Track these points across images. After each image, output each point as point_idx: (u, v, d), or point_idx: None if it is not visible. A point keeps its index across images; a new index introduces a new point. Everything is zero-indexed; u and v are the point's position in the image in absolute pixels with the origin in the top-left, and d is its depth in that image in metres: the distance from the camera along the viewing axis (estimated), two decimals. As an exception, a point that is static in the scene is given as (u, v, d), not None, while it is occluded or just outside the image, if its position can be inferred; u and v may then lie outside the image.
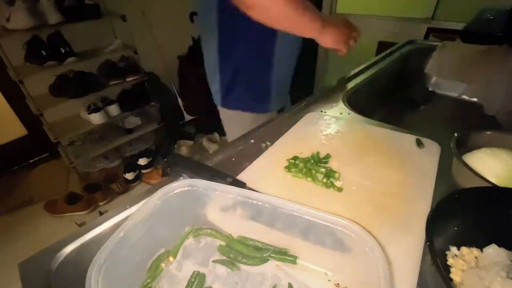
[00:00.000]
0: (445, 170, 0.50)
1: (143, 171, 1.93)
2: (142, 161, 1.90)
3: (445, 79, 1.06)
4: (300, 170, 0.51)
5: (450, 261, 0.36)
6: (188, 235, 0.42)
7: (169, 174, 0.51)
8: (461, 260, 0.35)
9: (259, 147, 0.60)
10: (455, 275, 0.34)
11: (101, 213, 1.65)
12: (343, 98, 0.78)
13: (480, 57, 0.90)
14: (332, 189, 0.48)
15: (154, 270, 0.37)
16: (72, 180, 1.91)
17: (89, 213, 1.66)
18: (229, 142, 0.64)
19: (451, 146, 0.47)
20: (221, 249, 0.40)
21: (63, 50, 1.55)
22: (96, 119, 1.75)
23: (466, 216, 0.37)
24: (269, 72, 0.77)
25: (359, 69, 0.95)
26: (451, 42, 1.02)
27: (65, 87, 1.64)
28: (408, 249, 0.38)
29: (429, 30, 1.53)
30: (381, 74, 0.96)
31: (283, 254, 0.38)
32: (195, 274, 0.37)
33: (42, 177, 1.95)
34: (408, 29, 1.64)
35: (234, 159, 0.57)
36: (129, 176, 1.84)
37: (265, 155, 0.57)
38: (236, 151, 0.60)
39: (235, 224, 0.42)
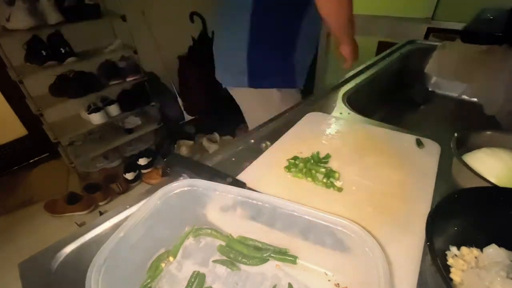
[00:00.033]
0: (445, 170, 0.50)
1: (143, 171, 1.92)
2: (142, 161, 1.90)
3: (445, 79, 1.06)
4: (300, 170, 0.51)
5: (450, 261, 0.36)
6: (188, 235, 0.42)
7: (169, 174, 0.51)
8: (461, 260, 0.35)
9: (259, 147, 0.60)
10: (455, 275, 0.34)
11: (101, 213, 1.65)
12: (343, 98, 0.78)
13: (480, 57, 0.90)
14: (332, 189, 0.48)
15: (154, 270, 0.37)
16: (72, 180, 1.91)
17: (89, 213, 1.66)
18: (229, 142, 0.64)
19: (451, 146, 0.47)
20: (221, 249, 0.40)
21: (63, 50, 1.55)
22: (96, 119, 1.75)
23: (466, 216, 0.37)
24: (292, 52, 0.83)
25: (359, 69, 0.95)
26: (451, 42, 1.02)
27: (65, 87, 1.64)
28: (408, 249, 0.38)
29: (429, 30, 1.53)
30: (381, 74, 0.96)
31: (283, 254, 0.38)
32: (195, 274, 0.37)
33: (42, 177, 1.95)
34: (408, 29, 1.64)
35: (234, 159, 0.57)
36: (129, 176, 1.84)
37: (265, 155, 0.57)
38: (236, 151, 0.60)
39: (235, 224, 0.42)
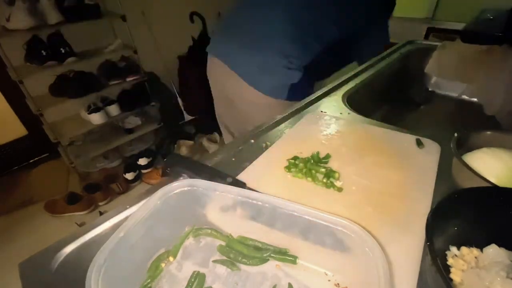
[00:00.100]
0: (445, 170, 0.50)
1: (143, 171, 1.93)
2: (142, 161, 1.90)
3: (445, 79, 1.06)
4: (300, 170, 0.51)
5: (450, 261, 0.35)
6: (188, 235, 0.42)
7: (169, 174, 0.51)
8: (461, 260, 0.35)
9: (259, 147, 0.60)
10: (455, 275, 0.34)
11: (101, 213, 1.65)
12: (343, 98, 0.78)
13: (480, 57, 0.90)
14: (332, 189, 0.48)
15: (154, 270, 0.37)
16: (72, 180, 1.91)
17: (89, 213, 1.66)
18: (228, 142, 0.64)
19: (451, 146, 0.47)
20: (221, 249, 0.40)
21: (63, 50, 1.55)
22: (96, 119, 1.75)
23: (466, 216, 0.37)
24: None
25: (359, 69, 0.94)
26: (451, 42, 1.02)
27: (65, 87, 1.65)
28: (408, 249, 0.38)
29: (429, 30, 1.53)
30: (381, 74, 0.96)
31: (283, 254, 0.38)
32: (195, 274, 0.37)
33: (42, 177, 1.95)
34: (408, 29, 1.64)
35: (234, 159, 0.57)
36: (129, 176, 1.84)
37: (265, 155, 0.57)
38: (236, 151, 0.60)
39: (235, 224, 0.42)
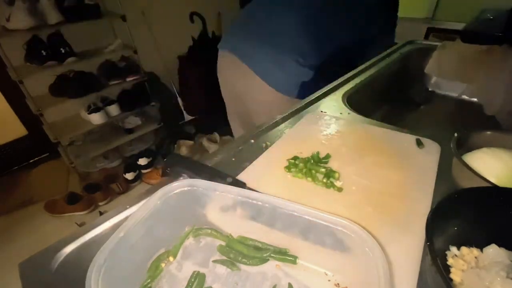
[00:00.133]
0: (445, 170, 0.50)
1: (143, 171, 1.93)
2: (142, 161, 1.90)
3: (445, 79, 1.06)
4: (300, 170, 0.51)
5: (450, 261, 0.35)
6: (188, 235, 0.42)
7: (169, 174, 0.51)
8: (461, 260, 0.35)
9: (259, 147, 0.60)
10: (455, 275, 0.34)
11: (101, 213, 1.65)
12: (343, 98, 0.78)
13: (480, 57, 0.90)
14: (332, 189, 0.48)
15: (154, 270, 0.37)
16: (72, 180, 1.91)
17: (89, 213, 1.66)
18: (229, 142, 0.64)
19: (451, 146, 0.47)
20: (221, 249, 0.40)
21: (63, 50, 1.55)
22: (96, 119, 1.75)
23: (466, 216, 0.37)
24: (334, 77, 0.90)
25: (359, 69, 0.94)
26: (451, 42, 1.02)
27: (65, 87, 1.65)
28: (408, 249, 0.38)
29: (429, 30, 1.54)
30: (381, 74, 0.96)
31: (283, 254, 0.38)
32: (195, 274, 0.37)
33: (42, 177, 1.95)
34: (408, 29, 1.64)
35: (234, 159, 0.57)
36: (129, 176, 1.84)
37: (265, 155, 0.57)
38: (236, 151, 0.60)
39: (235, 224, 0.42)
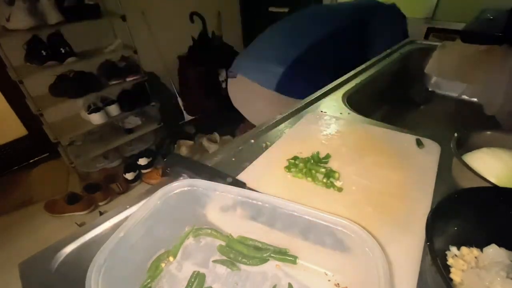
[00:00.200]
0: (445, 170, 0.50)
1: (143, 171, 1.93)
2: (142, 161, 1.90)
3: (445, 79, 1.06)
4: (300, 170, 0.51)
5: (450, 261, 0.35)
6: (188, 235, 0.42)
7: (169, 174, 0.51)
8: (461, 260, 0.35)
9: (259, 147, 0.60)
10: (455, 275, 0.34)
11: (101, 213, 1.65)
12: (343, 98, 0.78)
13: (480, 57, 0.90)
14: (332, 189, 0.48)
15: (154, 270, 0.37)
16: (72, 180, 1.91)
17: (89, 213, 1.66)
18: (229, 142, 0.64)
19: (451, 146, 0.47)
20: (221, 249, 0.40)
21: (63, 50, 1.55)
22: (96, 119, 1.75)
23: (466, 216, 0.37)
24: (326, 81, 0.91)
25: (359, 69, 0.94)
26: (451, 42, 1.02)
27: (65, 87, 1.65)
28: (408, 249, 0.38)
29: (429, 30, 1.54)
30: (381, 74, 0.96)
31: (283, 254, 0.38)
32: (195, 274, 0.37)
33: (42, 177, 1.95)
34: (408, 29, 1.64)
35: (234, 159, 0.57)
36: (129, 176, 1.84)
37: (265, 155, 0.57)
38: (236, 151, 0.60)
39: (235, 224, 0.42)
